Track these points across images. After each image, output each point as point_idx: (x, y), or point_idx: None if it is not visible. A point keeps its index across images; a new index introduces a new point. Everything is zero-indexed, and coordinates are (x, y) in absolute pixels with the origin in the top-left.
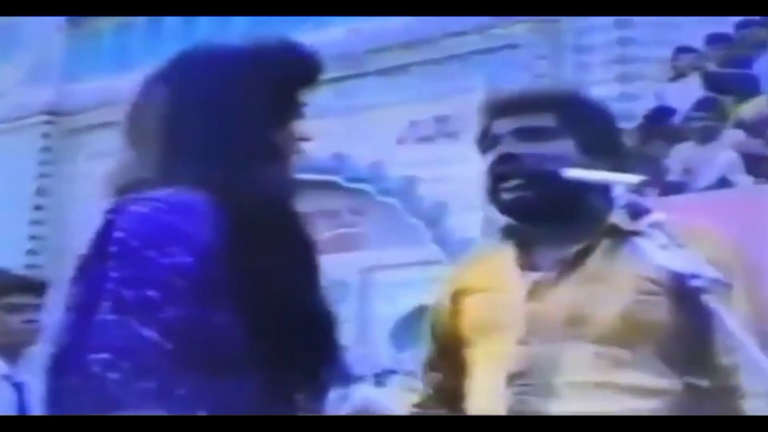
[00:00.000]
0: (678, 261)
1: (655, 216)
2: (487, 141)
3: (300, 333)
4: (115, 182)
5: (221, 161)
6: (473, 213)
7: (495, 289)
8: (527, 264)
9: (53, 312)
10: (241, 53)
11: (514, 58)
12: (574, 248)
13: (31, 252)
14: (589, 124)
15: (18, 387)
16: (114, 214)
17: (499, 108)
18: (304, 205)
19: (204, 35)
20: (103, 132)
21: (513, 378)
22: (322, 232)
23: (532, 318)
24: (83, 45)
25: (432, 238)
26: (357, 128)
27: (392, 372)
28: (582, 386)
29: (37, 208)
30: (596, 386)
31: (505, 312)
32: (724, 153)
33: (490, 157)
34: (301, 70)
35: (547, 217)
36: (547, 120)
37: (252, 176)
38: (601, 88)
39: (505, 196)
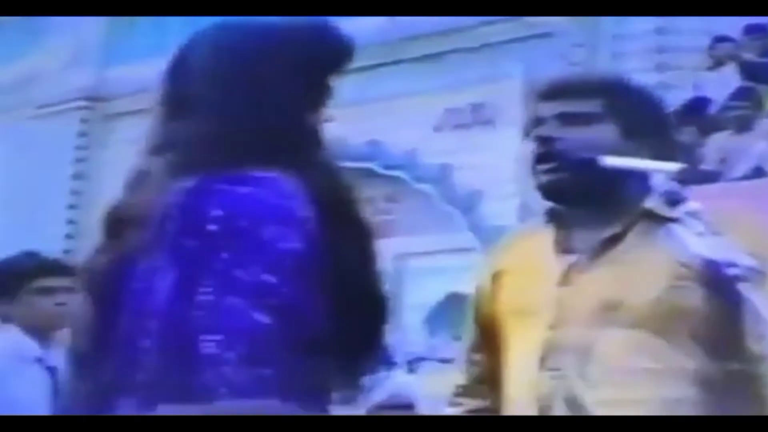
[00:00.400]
0: (714, 249)
1: (692, 204)
2: (532, 125)
3: (360, 315)
4: (169, 159)
5: (287, 143)
6: (508, 200)
7: (530, 272)
8: (564, 247)
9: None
10: (279, 32)
11: (550, 46)
12: (608, 233)
13: (68, 236)
14: (635, 110)
15: (51, 371)
16: (201, 193)
17: (547, 93)
18: None
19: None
20: (141, 118)
21: (545, 362)
22: None
23: (565, 302)
24: (121, 30)
25: (466, 226)
26: (393, 115)
27: (424, 359)
28: (613, 371)
29: (74, 192)
30: (627, 371)
31: (538, 295)
32: (760, 143)
33: (532, 139)
34: (334, 54)
35: (582, 200)
36: (593, 105)
37: (319, 158)
38: (639, 77)
39: (541, 178)
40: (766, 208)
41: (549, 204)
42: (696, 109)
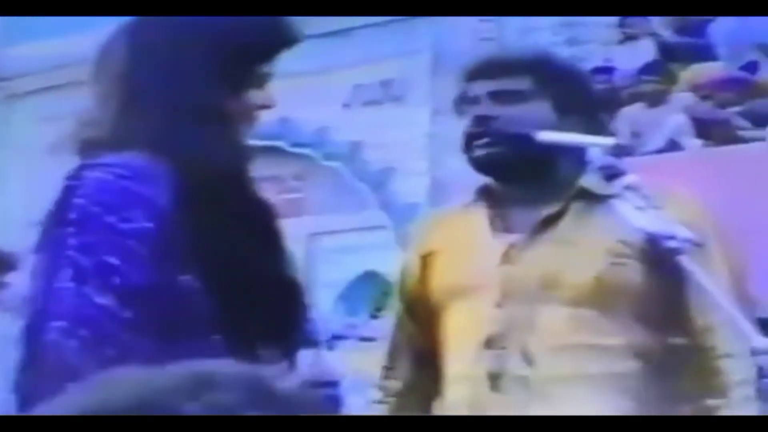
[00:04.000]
0: (653, 222)
1: (630, 178)
2: (464, 103)
3: (261, 296)
4: (77, 139)
5: (174, 124)
6: (419, 178)
7: (468, 252)
8: (501, 225)
9: None
10: (200, 21)
11: (460, 21)
12: (547, 211)
13: None
14: (564, 85)
15: None
16: (73, 181)
17: (476, 71)
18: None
19: None
20: (46, 96)
21: (491, 340)
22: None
23: (507, 280)
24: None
25: (377, 204)
26: (303, 92)
27: (342, 337)
28: (558, 348)
29: None
30: (571, 348)
31: (479, 274)
32: (673, 116)
33: (467, 118)
34: (260, 40)
35: (520, 175)
36: (523, 82)
37: (204, 140)
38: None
39: (478, 152)
40: (678, 182)
41: (482, 181)
42: (608, 82)
